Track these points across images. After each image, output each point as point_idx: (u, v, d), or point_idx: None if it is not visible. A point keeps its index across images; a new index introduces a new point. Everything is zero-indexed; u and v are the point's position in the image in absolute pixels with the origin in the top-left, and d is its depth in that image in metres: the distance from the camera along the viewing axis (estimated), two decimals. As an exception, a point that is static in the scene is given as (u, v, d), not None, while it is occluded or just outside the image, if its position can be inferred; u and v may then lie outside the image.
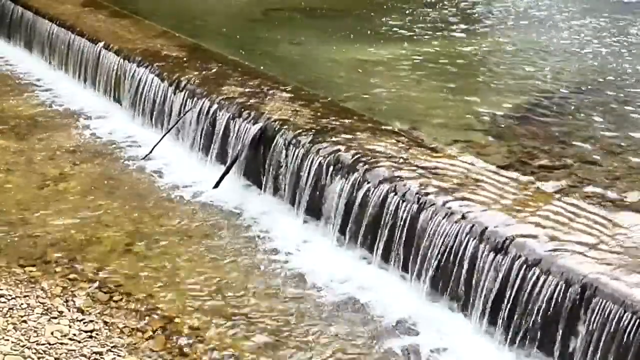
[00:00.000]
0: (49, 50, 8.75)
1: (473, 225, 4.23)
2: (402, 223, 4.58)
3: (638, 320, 3.49)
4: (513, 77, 7.51)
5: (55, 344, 4.01)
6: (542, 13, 10.70)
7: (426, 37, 8.93)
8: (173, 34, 8.20)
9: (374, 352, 4.13)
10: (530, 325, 3.92)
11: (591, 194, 4.70)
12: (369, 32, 9.03)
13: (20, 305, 4.34)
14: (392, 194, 4.68)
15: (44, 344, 3.99)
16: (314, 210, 5.26)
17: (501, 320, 4.06)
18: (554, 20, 10.24)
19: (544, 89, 7.10)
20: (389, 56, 8.04)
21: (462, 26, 9.64)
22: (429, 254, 4.42)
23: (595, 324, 3.64)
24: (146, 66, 7.14)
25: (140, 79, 7.12)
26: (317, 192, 5.21)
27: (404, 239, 4.59)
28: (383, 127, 5.59)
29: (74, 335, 4.11)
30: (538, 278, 3.87)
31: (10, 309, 4.30)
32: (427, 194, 4.55)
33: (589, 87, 7.27)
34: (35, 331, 4.11)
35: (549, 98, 6.84)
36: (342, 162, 5.08)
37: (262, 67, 7.07)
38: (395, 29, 9.28)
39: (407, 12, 10.34)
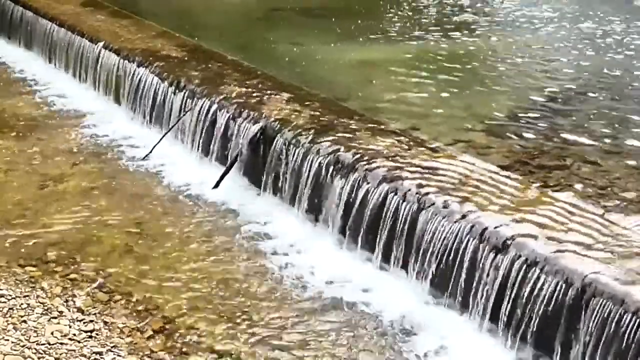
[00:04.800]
0: (49, 50, 8.75)
1: (473, 225, 4.23)
2: (402, 223, 4.58)
3: (638, 320, 3.49)
4: (513, 77, 7.51)
5: (55, 344, 4.01)
6: (545, 14, 10.69)
7: (427, 37, 8.92)
8: (173, 34, 8.19)
9: (373, 352, 4.13)
10: (531, 325, 3.92)
11: (591, 193, 4.70)
12: (369, 32, 9.02)
13: (20, 305, 4.34)
14: (392, 194, 4.68)
15: (44, 344, 3.99)
16: (314, 210, 5.26)
17: (501, 320, 4.06)
18: (556, 21, 10.23)
19: (545, 89, 7.10)
20: (389, 56, 8.05)
21: (463, 26, 9.63)
22: (429, 254, 4.42)
23: (595, 324, 3.64)
24: (146, 66, 7.14)
25: (140, 79, 7.12)
26: (317, 192, 5.21)
27: (404, 239, 4.59)
28: (383, 127, 5.59)
29: (74, 335, 4.11)
30: (538, 278, 3.88)
31: (10, 309, 4.30)
32: (427, 194, 4.55)
33: (590, 87, 7.26)
34: (35, 331, 4.11)
35: (549, 98, 6.84)
36: (342, 162, 5.08)
37: (262, 67, 7.07)
38: (395, 28, 9.29)
39: (408, 12, 10.34)
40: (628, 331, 3.51)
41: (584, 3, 11.22)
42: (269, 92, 6.32)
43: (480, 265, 4.15)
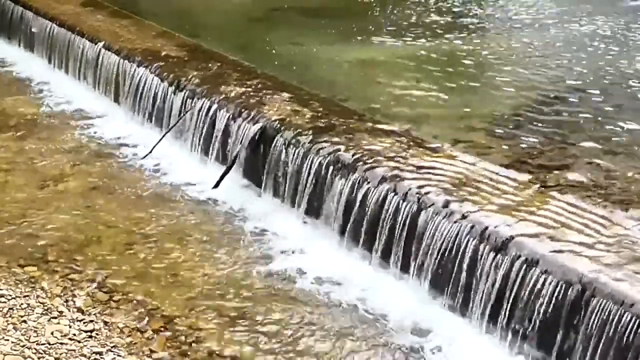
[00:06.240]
0: (49, 50, 8.74)
1: (473, 225, 4.24)
2: (402, 223, 4.58)
3: (638, 320, 3.49)
4: (513, 77, 7.51)
5: (55, 344, 4.01)
6: (545, 15, 10.69)
7: (426, 37, 8.92)
8: (173, 34, 8.19)
9: (373, 352, 4.14)
10: (530, 325, 3.92)
11: (591, 193, 4.70)
12: (369, 32, 9.02)
13: (20, 305, 4.34)
14: (392, 194, 4.68)
15: (44, 344, 4.00)
16: (314, 211, 5.26)
17: (501, 320, 4.06)
18: (555, 22, 10.23)
19: (544, 90, 7.10)
20: (389, 56, 8.05)
21: (463, 27, 9.64)
22: (429, 254, 4.42)
23: (595, 324, 3.64)
24: (146, 66, 7.13)
25: (140, 79, 7.12)
26: (317, 192, 5.21)
27: (403, 239, 4.59)
28: (383, 127, 5.59)
29: (74, 335, 4.11)
30: (538, 278, 3.88)
31: (10, 309, 4.31)
32: (427, 193, 4.55)
33: (590, 87, 7.26)
34: (35, 331, 4.11)
35: (549, 98, 6.84)
36: (342, 162, 5.08)
37: (262, 67, 7.07)
38: (395, 29, 9.28)
39: (407, 12, 10.34)
40: (628, 331, 3.51)
41: (581, 3, 11.23)
42: (269, 92, 6.32)
43: (480, 265, 4.15)
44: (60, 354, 3.94)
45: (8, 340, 4.00)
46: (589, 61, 8.18)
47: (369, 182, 4.84)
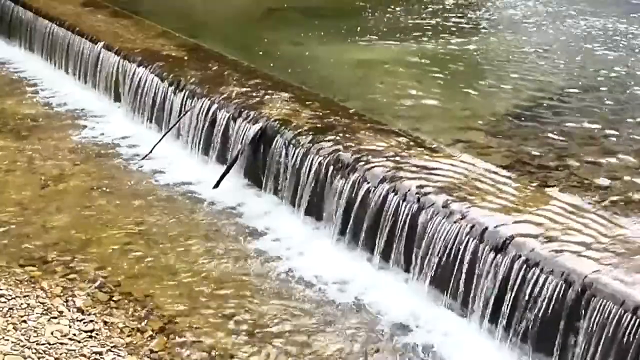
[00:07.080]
0: (49, 50, 8.75)
1: (473, 225, 4.24)
2: (402, 223, 4.58)
3: (638, 320, 3.49)
4: (513, 77, 7.51)
5: (55, 344, 4.01)
6: (545, 14, 10.69)
7: (426, 37, 8.92)
8: (173, 34, 8.20)
9: (373, 352, 4.14)
10: (530, 325, 3.92)
11: (591, 194, 4.70)
12: (368, 32, 9.03)
13: (20, 305, 4.34)
14: (392, 194, 4.68)
15: (44, 344, 3.99)
16: (314, 210, 5.26)
17: (501, 320, 4.06)
18: (555, 21, 10.24)
19: (544, 90, 7.10)
20: (388, 56, 8.05)
21: (463, 27, 9.64)
22: (429, 254, 4.42)
23: (595, 324, 3.64)
24: (146, 66, 7.14)
25: (140, 79, 7.12)
26: (317, 192, 5.21)
27: (404, 238, 4.59)
28: (383, 127, 5.59)
29: (74, 335, 4.11)
30: (538, 278, 3.88)
31: (10, 309, 4.30)
32: (427, 193, 4.56)
33: (589, 86, 7.27)
34: (35, 331, 4.11)
35: (549, 98, 6.84)
36: (342, 162, 5.08)
37: (262, 67, 7.07)
38: (395, 29, 9.28)
39: (407, 12, 10.34)
40: (628, 331, 3.51)
41: (581, 3, 11.23)
42: (269, 92, 6.32)
43: (480, 265, 4.15)
44: (60, 354, 3.94)
45: (8, 340, 4.00)
46: (589, 60, 8.18)
47: (369, 182, 4.84)
